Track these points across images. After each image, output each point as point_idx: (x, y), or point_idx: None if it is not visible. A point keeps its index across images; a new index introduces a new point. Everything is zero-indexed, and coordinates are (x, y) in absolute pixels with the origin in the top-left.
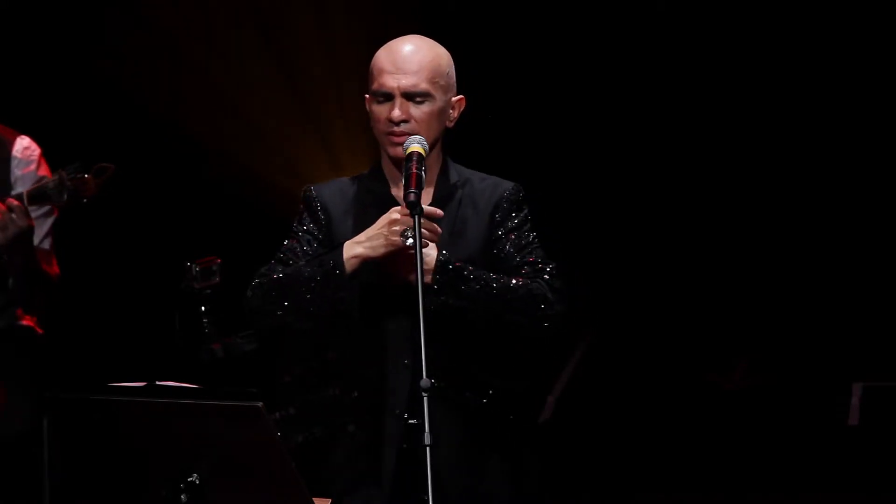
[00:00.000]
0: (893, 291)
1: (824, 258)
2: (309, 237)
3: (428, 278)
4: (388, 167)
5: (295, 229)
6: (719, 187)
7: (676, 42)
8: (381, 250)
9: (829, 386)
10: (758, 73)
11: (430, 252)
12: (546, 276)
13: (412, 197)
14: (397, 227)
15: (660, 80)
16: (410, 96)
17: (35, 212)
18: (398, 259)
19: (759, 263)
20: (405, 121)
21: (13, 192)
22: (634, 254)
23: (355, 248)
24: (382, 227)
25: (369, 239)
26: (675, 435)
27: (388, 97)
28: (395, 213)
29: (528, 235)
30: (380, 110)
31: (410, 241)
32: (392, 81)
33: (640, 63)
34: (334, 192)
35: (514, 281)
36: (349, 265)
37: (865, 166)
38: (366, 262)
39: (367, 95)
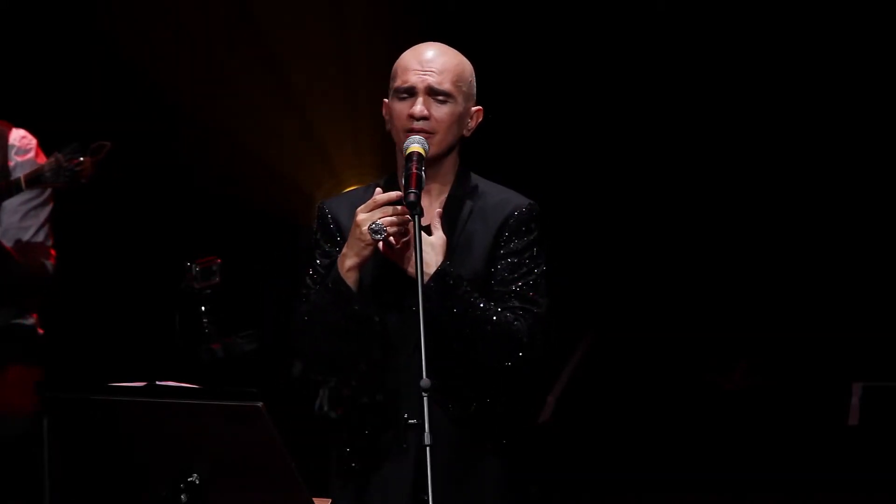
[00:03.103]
0: (893, 292)
1: (824, 258)
2: (326, 261)
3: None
4: (399, 170)
5: (312, 257)
6: (720, 188)
7: (676, 42)
8: (365, 252)
9: (829, 386)
10: (758, 72)
11: (435, 257)
12: (531, 319)
13: (412, 197)
14: (364, 227)
15: (660, 81)
16: (433, 93)
17: (30, 203)
18: (388, 254)
19: (759, 263)
20: (426, 118)
21: (11, 178)
22: (635, 254)
23: (345, 261)
24: (354, 231)
25: (350, 247)
26: (676, 435)
27: (410, 93)
28: (359, 215)
29: (530, 262)
30: (401, 107)
31: (378, 235)
32: (416, 77)
33: (640, 63)
34: (346, 206)
35: (497, 314)
36: (349, 279)
37: (865, 166)
38: (362, 267)
39: (385, 100)
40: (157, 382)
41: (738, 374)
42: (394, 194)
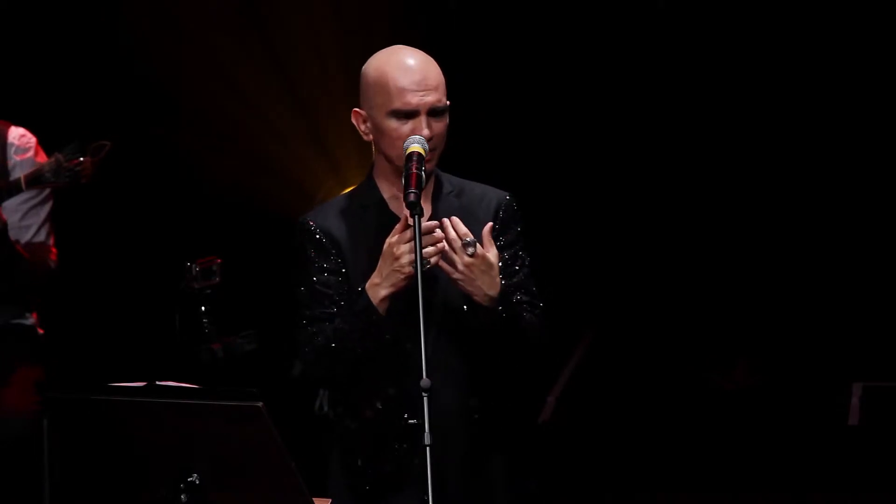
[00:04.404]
0: (893, 291)
1: (823, 258)
2: (327, 278)
3: (489, 302)
4: (381, 177)
5: (308, 274)
6: (719, 187)
7: (676, 42)
8: (403, 283)
9: (829, 386)
10: (758, 72)
11: (497, 277)
12: (539, 313)
13: (412, 197)
14: (404, 259)
15: (659, 80)
16: (434, 112)
17: (30, 202)
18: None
19: (758, 263)
20: (431, 138)
21: (11, 178)
22: (634, 254)
23: (379, 291)
24: (391, 262)
25: (385, 278)
26: (676, 435)
27: (411, 115)
28: (396, 247)
29: (524, 254)
30: (400, 128)
31: (423, 267)
32: (416, 99)
33: (639, 62)
34: (331, 216)
35: (527, 320)
36: (381, 308)
37: (865, 166)
38: (394, 295)
39: (357, 110)
40: (157, 382)
41: (738, 374)
42: (431, 224)
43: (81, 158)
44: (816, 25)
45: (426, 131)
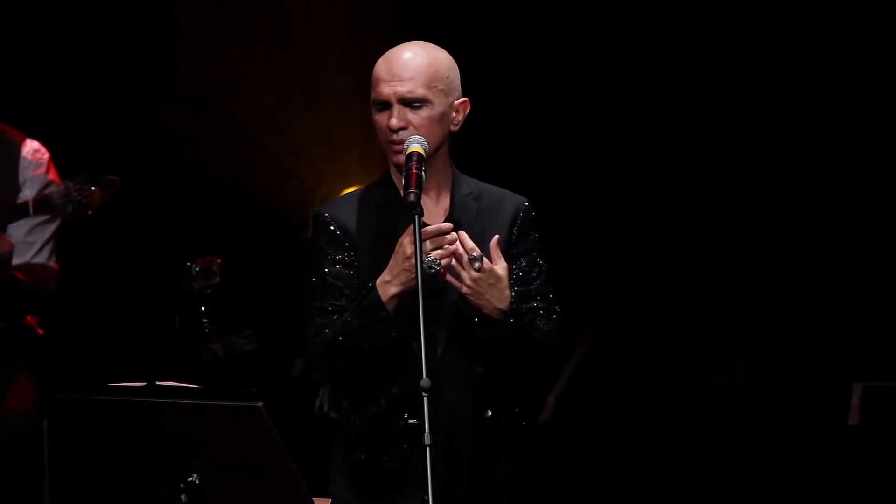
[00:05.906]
0: (893, 291)
1: (823, 258)
2: (339, 270)
3: (499, 315)
4: (396, 175)
5: (320, 265)
6: (720, 187)
7: (676, 42)
8: (412, 283)
9: (829, 386)
10: (758, 72)
11: (507, 290)
12: (555, 320)
13: (412, 197)
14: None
15: (659, 80)
16: (407, 102)
17: (38, 217)
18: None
19: (758, 263)
20: (403, 128)
21: (19, 199)
22: (635, 254)
23: (389, 289)
24: (402, 261)
25: (396, 277)
26: (676, 435)
27: (385, 105)
28: (408, 247)
29: (541, 260)
30: (380, 119)
31: (431, 270)
32: (388, 89)
33: (639, 63)
34: (347, 210)
35: (535, 323)
36: (390, 306)
37: (865, 167)
38: (403, 294)
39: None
40: (157, 382)
41: (738, 374)
42: (445, 226)
43: (92, 188)
44: (817, 25)
45: (393, 120)
